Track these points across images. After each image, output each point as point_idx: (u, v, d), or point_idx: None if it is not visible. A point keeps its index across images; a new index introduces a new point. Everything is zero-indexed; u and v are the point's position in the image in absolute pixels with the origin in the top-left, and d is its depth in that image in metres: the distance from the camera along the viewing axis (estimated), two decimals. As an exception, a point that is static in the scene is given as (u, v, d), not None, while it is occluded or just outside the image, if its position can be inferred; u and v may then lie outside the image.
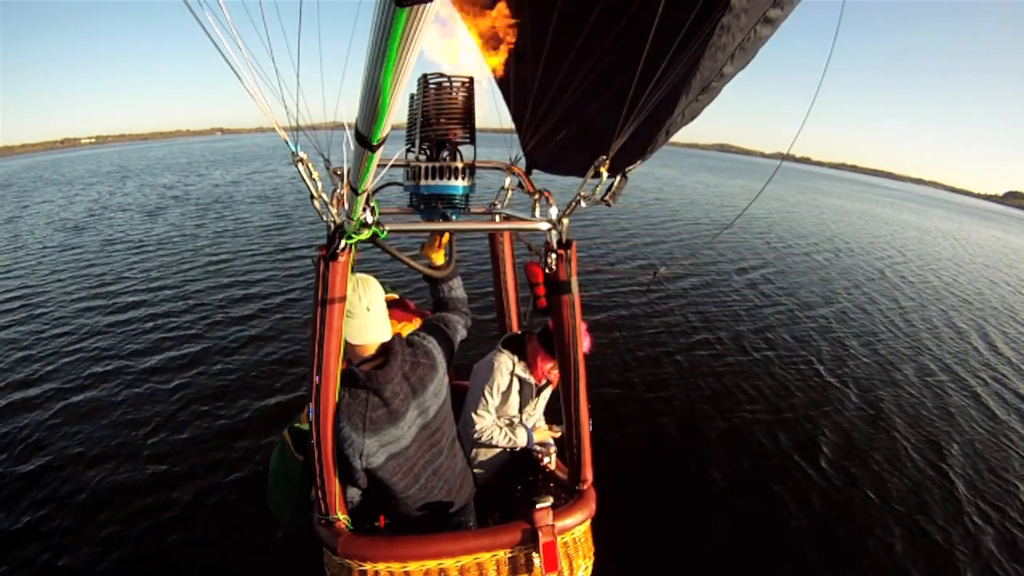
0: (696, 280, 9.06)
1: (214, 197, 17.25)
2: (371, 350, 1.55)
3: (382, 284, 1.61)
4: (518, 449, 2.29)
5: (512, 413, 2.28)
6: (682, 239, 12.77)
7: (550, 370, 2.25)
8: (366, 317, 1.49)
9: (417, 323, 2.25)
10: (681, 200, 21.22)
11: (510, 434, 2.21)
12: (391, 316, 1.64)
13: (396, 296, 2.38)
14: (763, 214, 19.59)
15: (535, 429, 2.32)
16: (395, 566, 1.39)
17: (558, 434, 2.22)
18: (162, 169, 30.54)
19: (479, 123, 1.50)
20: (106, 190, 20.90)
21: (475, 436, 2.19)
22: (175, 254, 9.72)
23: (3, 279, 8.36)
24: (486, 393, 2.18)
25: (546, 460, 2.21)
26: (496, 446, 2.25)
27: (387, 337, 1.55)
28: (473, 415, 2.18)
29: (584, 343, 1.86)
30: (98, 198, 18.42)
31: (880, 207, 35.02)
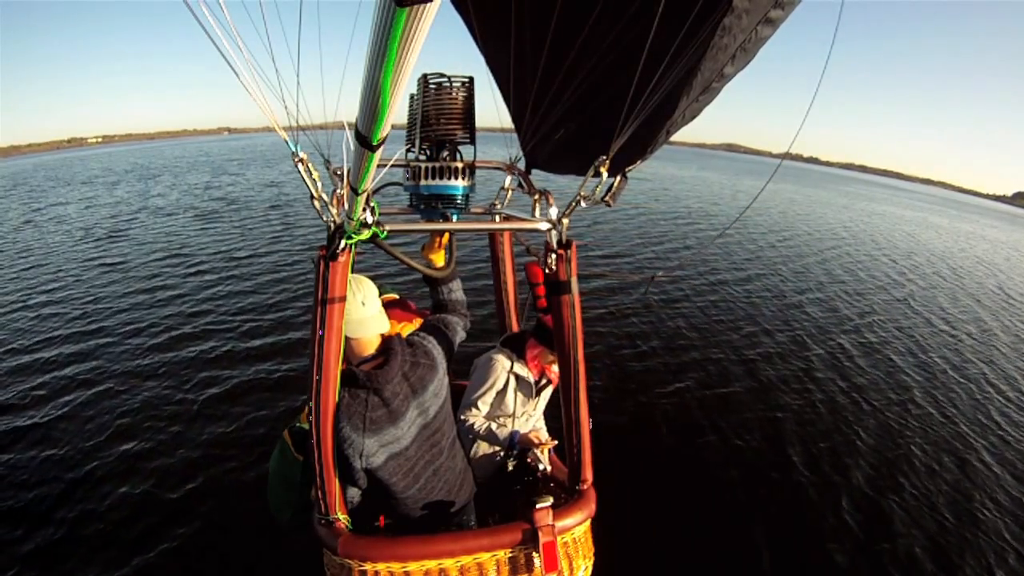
0: (698, 282, 9.06)
1: (268, 200, 15.74)
2: (371, 348, 1.55)
3: (381, 286, 1.61)
4: (502, 440, 2.26)
5: (509, 412, 2.27)
6: (687, 239, 12.72)
7: (549, 364, 2.24)
8: (362, 311, 1.50)
9: (417, 323, 2.25)
10: (689, 201, 20.69)
11: (492, 427, 2.17)
12: (391, 316, 1.65)
13: (396, 296, 2.38)
14: (827, 226, 18.54)
15: (532, 431, 2.30)
16: (395, 566, 1.39)
17: (553, 444, 2.17)
18: (187, 168, 28.89)
19: (479, 122, 1.50)
20: (134, 190, 19.47)
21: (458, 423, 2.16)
22: (256, 268, 8.58)
23: (29, 289, 8.03)
24: (480, 390, 2.18)
25: (540, 467, 2.19)
26: (480, 436, 2.23)
27: (386, 329, 1.57)
28: (464, 409, 2.18)
29: None
30: (125, 199, 17.18)
31: (935, 216, 33.64)
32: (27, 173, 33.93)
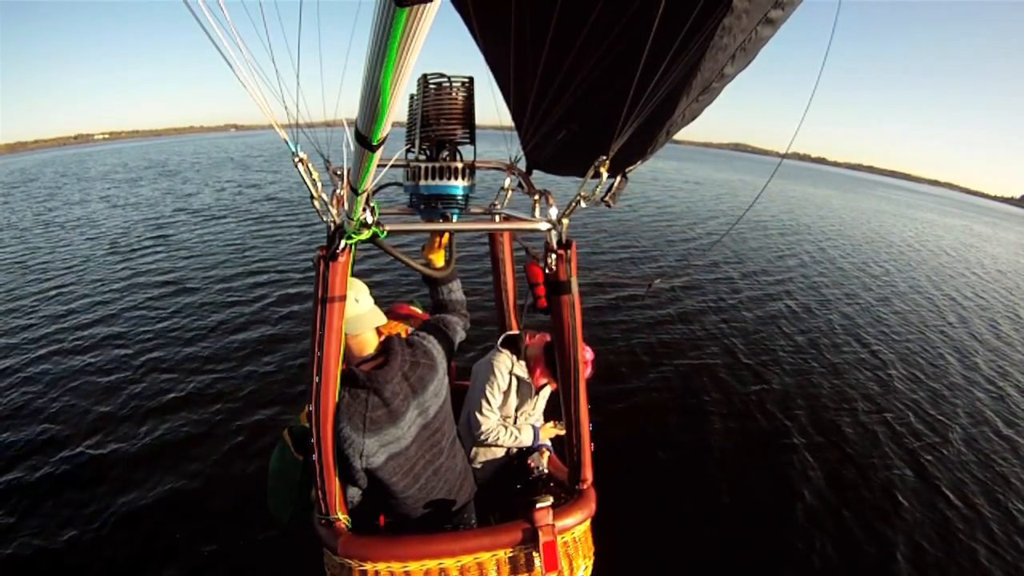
0: (701, 282, 9.05)
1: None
2: (370, 348, 1.56)
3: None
4: (524, 448, 2.29)
5: (509, 413, 2.28)
6: (689, 239, 12.66)
7: (544, 385, 2.27)
8: (356, 308, 1.52)
9: (416, 324, 2.25)
10: (692, 201, 20.20)
11: (516, 433, 2.21)
12: (390, 317, 1.65)
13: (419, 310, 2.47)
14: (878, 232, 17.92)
15: (541, 427, 2.34)
16: (395, 566, 1.39)
17: (563, 431, 2.23)
18: (210, 165, 27.05)
19: (479, 122, 1.51)
20: (161, 189, 17.80)
21: (481, 437, 2.19)
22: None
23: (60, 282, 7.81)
24: (488, 393, 2.19)
25: (539, 470, 2.19)
26: (502, 446, 2.25)
27: (382, 323, 1.59)
28: (478, 416, 2.18)
29: (587, 371, 1.89)
30: (154, 198, 15.52)
31: (977, 224, 32.21)
32: (36, 169, 32.39)
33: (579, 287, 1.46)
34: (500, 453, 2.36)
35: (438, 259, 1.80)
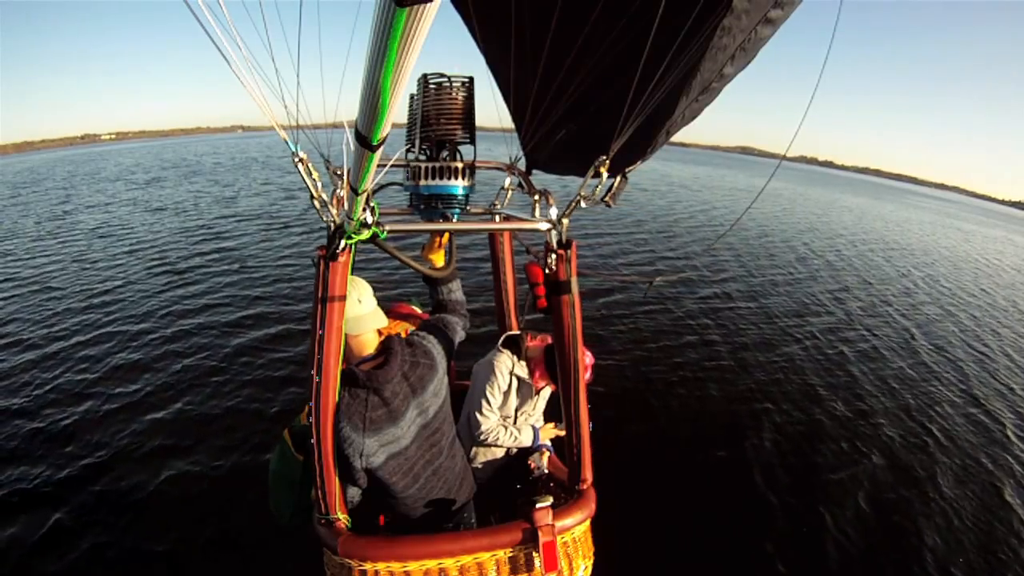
0: (701, 281, 9.05)
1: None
2: (370, 347, 1.56)
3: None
4: (524, 447, 2.29)
5: (509, 413, 2.28)
6: (691, 239, 12.65)
7: (544, 387, 2.28)
8: (359, 309, 1.53)
9: (416, 324, 2.25)
10: (695, 203, 19.98)
11: (516, 433, 2.21)
12: (390, 316, 1.66)
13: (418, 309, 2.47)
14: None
15: (541, 428, 2.34)
16: (395, 566, 1.40)
17: (563, 432, 2.23)
18: (235, 166, 25.64)
19: (479, 122, 1.51)
20: (192, 191, 16.30)
21: (480, 437, 2.19)
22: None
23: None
24: (488, 394, 2.19)
25: (538, 473, 2.19)
26: (501, 446, 2.25)
27: (383, 325, 1.59)
28: (478, 416, 2.19)
29: (586, 374, 1.89)
30: (187, 201, 13.94)
31: (1015, 235, 31.21)
32: (46, 168, 31.05)
33: (579, 287, 1.46)
34: (500, 453, 2.36)
35: (438, 259, 1.80)
